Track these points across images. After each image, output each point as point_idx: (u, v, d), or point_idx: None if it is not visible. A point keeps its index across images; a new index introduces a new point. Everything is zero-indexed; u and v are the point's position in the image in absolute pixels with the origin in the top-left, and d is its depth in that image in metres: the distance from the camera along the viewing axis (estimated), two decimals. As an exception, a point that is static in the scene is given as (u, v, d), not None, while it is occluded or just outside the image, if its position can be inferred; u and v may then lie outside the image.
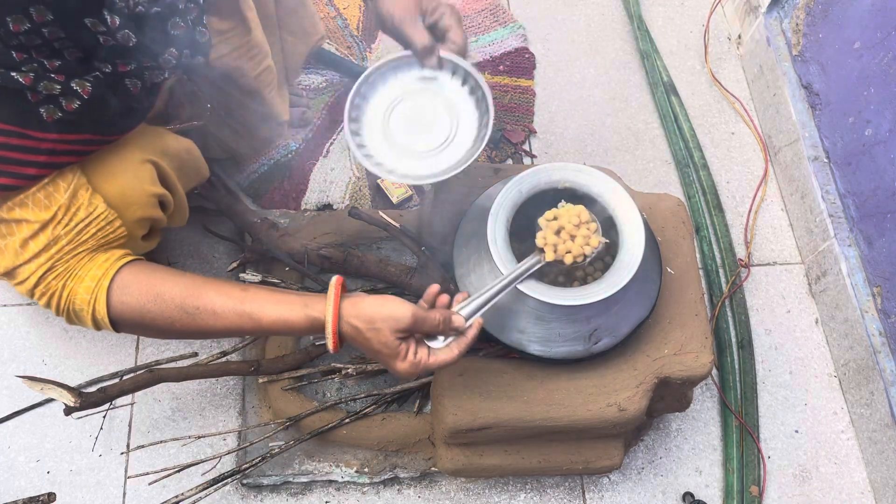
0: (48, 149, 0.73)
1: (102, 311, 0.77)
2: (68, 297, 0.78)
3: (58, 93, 0.70)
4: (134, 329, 0.82)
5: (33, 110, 0.70)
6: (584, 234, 0.88)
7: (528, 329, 0.91)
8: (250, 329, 0.80)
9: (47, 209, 0.76)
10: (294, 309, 0.79)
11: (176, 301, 0.78)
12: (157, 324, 0.78)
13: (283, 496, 1.10)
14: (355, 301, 0.79)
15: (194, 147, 1.02)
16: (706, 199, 1.41)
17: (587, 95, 1.53)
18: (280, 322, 0.79)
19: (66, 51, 0.69)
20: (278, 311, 0.79)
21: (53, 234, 0.76)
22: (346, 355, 1.12)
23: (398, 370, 0.80)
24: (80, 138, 0.76)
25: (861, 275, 1.23)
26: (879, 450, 1.17)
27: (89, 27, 0.69)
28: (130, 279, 0.79)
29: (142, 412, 1.15)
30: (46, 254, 0.77)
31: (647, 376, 0.94)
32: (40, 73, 0.68)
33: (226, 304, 0.78)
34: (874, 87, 1.19)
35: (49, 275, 0.77)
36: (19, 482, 1.10)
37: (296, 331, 0.80)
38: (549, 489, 1.14)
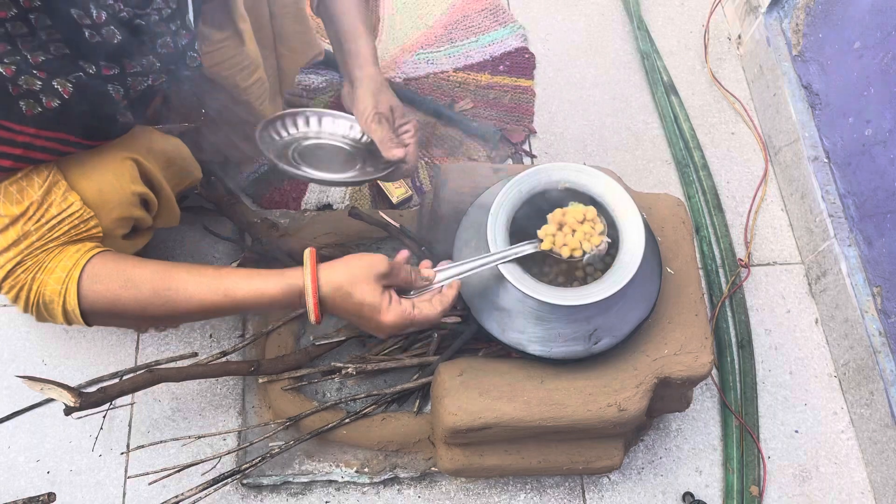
0: (24, 142, 0.72)
1: (73, 303, 0.76)
2: (38, 290, 0.77)
3: (38, 89, 0.69)
4: (106, 319, 0.80)
5: (13, 102, 0.69)
6: (587, 230, 0.89)
7: (528, 329, 0.91)
8: (227, 306, 0.79)
9: (19, 204, 0.75)
10: (270, 281, 0.79)
11: (147, 285, 0.77)
12: (129, 310, 0.77)
13: (283, 496, 1.10)
14: (331, 263, 0.80)
15: (183, 146, 1.01)
16: (706, 199, 1.41)
17: (587, 95, 1.53)
18: (257, 295, 0.78)
19: (52, 44, 0.68)
20: (254, 284, 0.78)
21: (24, 229, 0.76)
22: (346, 355, 1.12)
23: (385, 323, 0.79)
24: (58, 136, 0.75)
25: (861, 275, 1.23)
26: (879, 450, 1.17)
27: (76, 19, 0.68)
28: (100, 268, 0.78)
29: (142, 412, 1.15)
30: (16, 248, 0.76)
31: (647, 376, 0.94)
32: (22, 67, 0.67)
33: (200, 283, 0.78)
34: (874, 87, 1.19)
35: (17, 269, 0.76)
36: (19, 482, 1.10)
37: (274, 303, 0.79)
38: (549, 489, 1.14)
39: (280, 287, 0.78)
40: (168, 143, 0.97)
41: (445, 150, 1.44)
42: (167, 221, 1.01)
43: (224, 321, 1.22)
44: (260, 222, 1.17)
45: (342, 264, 0.80)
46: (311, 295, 0.78)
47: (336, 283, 0.78)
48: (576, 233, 0.89)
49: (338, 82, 1.48)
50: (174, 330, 1.21)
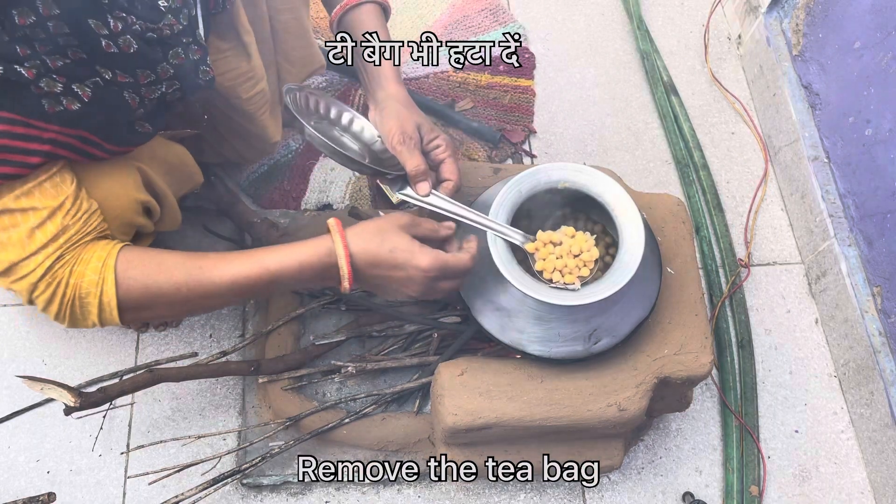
0: (51, 139, 0.73)
1: (111, 292, 0.76)
2: (75, 284, 0.76)
3: (59, 91, 0.70)
4: (140, 307, 0.79)
5: (36, 102, 0.70)
6: (577, 264, 0.90)
7: (528, 329, 0.91)
8: (261, 280, 0.79)
9: (55, 198, 0.75)
10: (299, 248, 0.79)
11: (180, 266, 0.78)
12: (164, 292, 0.77)
13: (283, 496, 1.10)
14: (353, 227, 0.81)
15: (185, 153, 1.01)
16: (706, 199, 1.41)
17: (587, 95, 1.53)
18: (290, 263, 0.79)
19: (70, 49, 0.69)
20: (285, 252, 0.79)
21: (63, 223, 0.76)
22: (346, 354, 1.12)
23: (421, 266, 0.79)
24: (80, 134, 0.76)
25: (861, 275, 1.23)
26: (879, 450, 1.17)
27: (93, 28, 0.69)
28: (133, 255, 0.78)
29: (142, 412, 1.15)
30: (55, 244, 0.76)
31: (647, 376, 0.94)
32: (42, 71, 0.68)
33: (232, 260, 0.79)
34: (874, 87, 1.19)
35: (56, 264, 0.76)
36: (19, 482, 1.10)
37: (306, 271, 0.79)
38: (549, 489, 1.14)
39: (312, 253, 0.79)
40: (171, 150, 0.98)
41: (445, 150, 1.44)
42: (169, 226, 1.02)
43: (224, 321, 1.22)
44: (260, 222, 1.17)
45: (366, 224, 0.81)
46: (345, 257, 0.78)
47: (365, 239, 0.79)
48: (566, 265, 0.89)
49: (338, 82, 1.48)
50: (174, 330, 1.21)
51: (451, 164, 0.91)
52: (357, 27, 0.98)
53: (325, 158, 1.39)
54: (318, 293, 1.14)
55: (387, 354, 1.11)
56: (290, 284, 0.81)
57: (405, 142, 0.89)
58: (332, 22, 1.01)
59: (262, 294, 0.82)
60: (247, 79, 1.03)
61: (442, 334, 1.08)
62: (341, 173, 1.38)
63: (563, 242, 0.90)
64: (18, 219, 0.75)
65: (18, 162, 0.72)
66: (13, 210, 0.74)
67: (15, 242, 0.75)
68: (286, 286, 0.81)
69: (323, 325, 1.16)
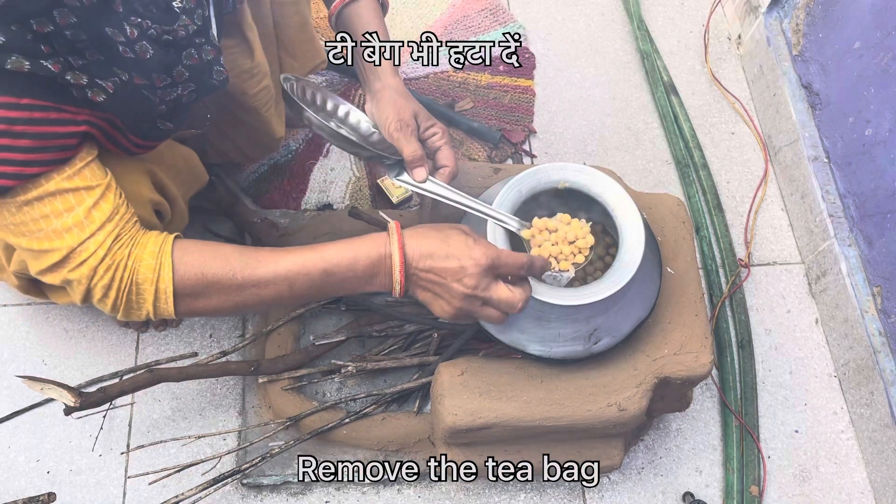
0: (85, 120, 0.73)
1: (167, 278, 0.75)
2: (133, 268, 0.75)
3: (85, 83, 0.70)
4: (196, 294, 0.78)
5: (66, 89, 0.70)
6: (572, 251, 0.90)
7: (528, 329, 0.91)
8: (315, 267, 0.77)
9: (104, 177, 0.76)
10: (354, 241, 0.79)
11: (235, 255, 0.77)
12: (219, 279, 0.76)
13: (283, 496, 1.10)
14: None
15: (192, 154, 1.02)
16: (706, 199, 1.41)
17: (587, 95, 1.53)
18: (345, 254, 0.78)
19: (88, 51, 0.70)
20: (341, 244, 0.79)
21: (115, 201, 0.75)
22: (346, 354, 1.12)
23: (475, 250, 0.77)
24: (110, 118, 0.77)
25: (861, 275, 1.23)
26: (879, 450, 1.17)
27: (110, 36, 0.70)
28: (190, 243, 0.78)
29: (142, 412, 1.15)
30: (111, 223, 0.75)
31: (647, 376, 0.94)
32: (66, 66, 0.68)
33: (286, 252, 0.78)
34: (874, 87, 1.19)
35: (115, 244, 0.75)
36: (19, 482, 1.10)
37: (361, 262, 0.78)
38: (549, 489, 1.14)
39: (369, 243, 0.78)
40: (178, 151, 0.98)
41: (445, 150, 1.44)
42: (177, 227, 1.03)
43: (224, 321, 1.22)
44: (260, 222, 1.17)
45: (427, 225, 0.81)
46: (398, 245, 0.77)
47: (420, 232, 0.79)
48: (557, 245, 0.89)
49: (338, 81, 1.48)
50: (174, 330, 1.21)
51: (447, 151, 0.92)
52: (356, 22, 0.98)
53: (325, 158, 1.39)
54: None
55: (387, 354, 1.11)
56: (344, 281, 0.79)
57: (402, 129, 0.90)
58: (331, 16, 1.01)
59: (316, 290, 0.79)
60: (251, 75, 1.03)
61: (442, 334, 1.08)
62: (341, 173, 1.38)
63: (559, 229, 0.90)
64: (73, 200, 0.73)
65: (59, 146, 0.71)
66: (66, 191, 0.73)
67: (73, 225, 0.73)
68: (341, 283, 0.79)
69: (323, 325, 1.16)
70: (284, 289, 0.78)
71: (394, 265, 0.78)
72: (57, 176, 0.72)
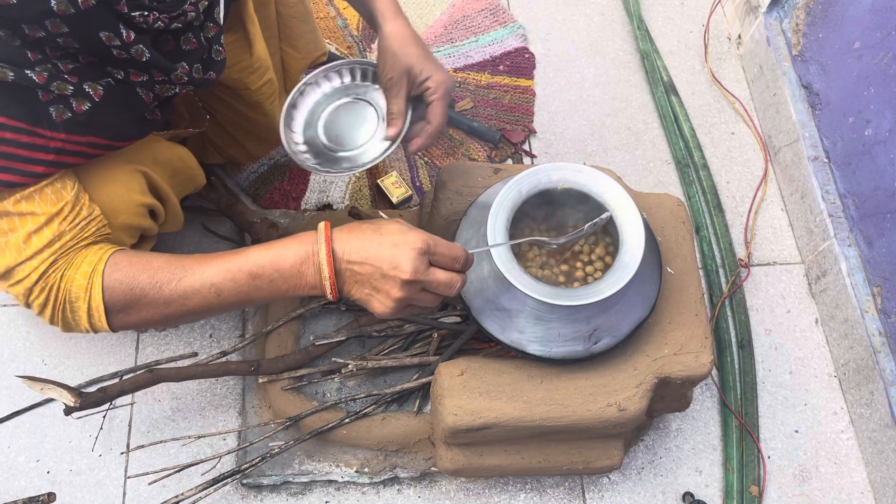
0: (56, 148, 0.73)
1: (98, 297, 0.75)
2: (65, 288, 0.76)
3: (69, 93, 0.70)
4: (126, 309, 0.77)
5: (43, 109, 0.70)
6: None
7: (528, 329, 0.91)
8: (240, 272, 0.74)
9: (54, 204, 0.75)
10: (278, 241, 0.76)
11: (165, 265, 0.76)
12: (146, 293, 0.75)
13: (283, 496, 1.10)
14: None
15: (188, 154, 1.01)
16: (706, 199, 1.41)
17: (587, 95, 1.53)
18: (268, 254, 0.74)
19: (80, 55, 0.70)
20: (265, 245, 0.76)
21: (59, 229, 0.76)
22: (346, 354, 1.12)
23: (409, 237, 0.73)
24: (89, 140, 0.76)
25: (861, 275, 1.23)
26: (879, 450, 1.17)
27: (104, 41, 0.69)
28: (121, 257, 0.77)
29: (142, 412, 1.15)
30: (50, 249, 0.76)
31: (647, 376, 0.94)
32: (54, 74, 0.68)
33: (214, 259, 0.76)
34: (874, 87, 1.19)
35: (50, 269, 0.76)
36: (19, 482, 1.10)
37: (286, 261, 0.74)
38: (549, 489, 1.14)
39: (293, 241, 0.74)
40: (174, 152, 0.98)
41: (445, 150, 1.44)
42: (172, 227, 1.03)
43: (224, 321, 1.22)
44: (260, 222, 1.17)
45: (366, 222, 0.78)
46: (324, 238, 0.73)
47: (351, 226, 0.75)
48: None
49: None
50: (174, 330, 1.21)
51: (436, 107, 0.92)
52: None
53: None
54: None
55: (387, 354, 1.11)
56: (272, 283, 0.76)
57: (390, 88, 0.92)
58: None
59: (245, 296, 0.76)
60: (253, 70, 1.03)
61: (442, 334, 1.08)
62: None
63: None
64: (17, 223, 0.75)
65: (22, 170, 0.72)
66: (12, 214, 0.74)
67: (12, 247, 0.75)
68: (270, 286, 0.76)
69: (323, 325, 1.16)
70: (212, 297, 0.76)
71: (321, 262, 0.73)
72: (8, 197, 0.73)
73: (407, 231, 0.74)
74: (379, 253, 0.73)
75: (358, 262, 0.73)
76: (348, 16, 1.57)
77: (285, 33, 1.11)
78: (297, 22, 1.11)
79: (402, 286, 0.73)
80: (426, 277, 0.73)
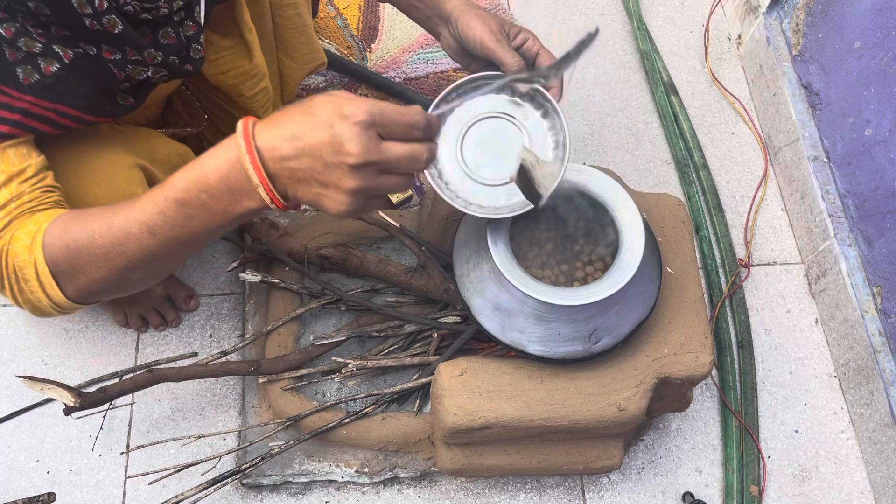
0: (22, 109, 0.69)
1: (42, 261, 0.68)
2: (13, 252, 0.70)
3: (38, 52, 0.66)
4: (70, 271, 0.69)
5: (10, 69, 0.66)
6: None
7: (528, 329, 0.91)
8: (166, 205, 0.63)
9: (16, 165, 0.71)
10: (200, 161, 0.63)
11: (96, 215, 0.68)
12: (80, 246, 0.67)
13: (283, 496, 1.10)
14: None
15: (188, 151, 1.01)
16: (706, 199, 1.41)
17: (587, 95, 1.53)
18: (193, 181, 0.62)
19: (53, 26, 0.67)
20: (186, 170, 0.64)
21: (18, 189, 0.71)
22: (346, 354, 1.12)
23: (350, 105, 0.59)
24: (57, 108, 0.72)
25: (861, 275, 1.23)
26: (879, 450, 1.17)
27: (75, 7, 0.66)
28: (63, 215, 0.70)
29: (142, 412, 1.15)
30: (5, 209, 0.71)
31: (647, 376, 0.94)
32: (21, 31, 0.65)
33: (141, 196, 0.66)
34: (874, 87, 1.19)
35: (4, 231, 0.70)
36: (19, 482, 1.10)
37: (211, 175, 0.61)
38: (549, 489, 1.14)
39: (214, 150, 0.62)
40: (174, 149, 0.98)
41: (445, 150, 1.44)
42: None
43: (224, 321, 1.22)
44: (260, 222, 1.17)
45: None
46: (243, 129, 0.60)
47: (276, 114, 0.62)
48: None
49: (338, 82, 1.48)
50: (174, 330, 1.21)
51: (546, 54, 0.84)
52: None
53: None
54: (317, 293, 1.14)
55: (387, 354, 1.11)
56: (204, 207, 0.63)
57: (500, 40, 0.82)
58: None
59: (181, 229, 0.64)
60: (249, 76, 1.02)
61: (442, 334, 1.08)
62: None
63: None
64: None
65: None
66: None
67: None
68: (202, 210, 0.63)
69: (323, 325, 1.16)
70: (147, 238, 0.65)
71: (247, 167, 0.60)
72: None
73: (343, 103, 0.59)
74: (315, 138, 0.59)
75: (292, 156, 0.59)
76: (348, 16, 1.57)
77: (282, 43, 1.11)
78: (294, 33, 1.11)
79: (353, 172, 0.59)
80: (380, 156, 0.59)
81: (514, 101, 0.85)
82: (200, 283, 1.25)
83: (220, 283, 1.26)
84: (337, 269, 1.15)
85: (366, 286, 1.16)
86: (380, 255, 1.19)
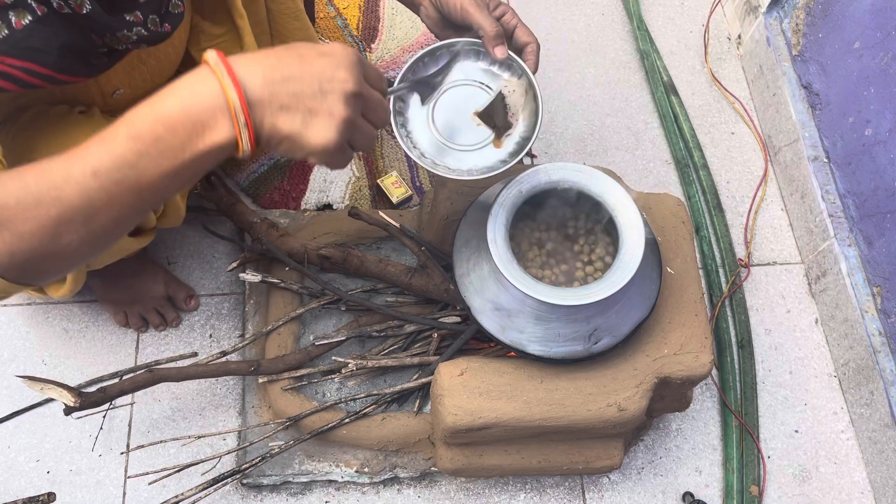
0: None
1: None
2: None
3: (9, 3, 0.63)
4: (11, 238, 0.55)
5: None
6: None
7: (528, 329, 0.91)
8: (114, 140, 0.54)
9: None
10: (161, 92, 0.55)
11: (35, 164, 0.56)
12: (8, 190, 0.54)
13: (283, 496, 1.10)
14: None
15: None
16: (706, 199, 1.41)
17: (587, 95, 1.53)
18: (149, 111, 0.54)
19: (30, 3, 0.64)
20: (144, 102, 0.55)
21: None
22: (346, 354, 1.12)
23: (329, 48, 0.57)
24: (26, 66, 0.67)
25: (861, 275, 1.23)
26: (879, 450, 1.17)
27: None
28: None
29: (142, 412, 1.15)
30: None
31: (647, 376, 0.94)
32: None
33: (92, 137, 0.56)
34: (874, 87, 1.19)
35: None
36: (19, 482, 1.10)
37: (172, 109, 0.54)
38: (549, 489, 1.14)
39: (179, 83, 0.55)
40: None
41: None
42: (171, 222, 1.02)
43: (224, 321, 1.22)
44: (260, 222, 1.17)
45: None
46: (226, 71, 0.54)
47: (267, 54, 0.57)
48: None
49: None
50: (174, 330, 1.21)
51: (524, 28, 0.84)
52: None
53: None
54: (317, 293, 1.14)
55: (387, 354, 1.11)
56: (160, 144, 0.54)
57: (480, 6, 0.81)
58: None
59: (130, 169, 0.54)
60: None
61: (442, 334, 1.08)
62: (341, 173, 1.38)
63: None
64: None
65: None
66: None
67: None
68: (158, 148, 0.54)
69: (323, 325, 1.16)
70: (89, 180, 0.54)
71: (225, 86, 0.54)
72: None
73: (328, 43, 0.58)
74: (308, 67, 0.55)
75: (280, 80, 0.55)
76: (348, 16, 1.57)
77: (276, 30, 1.10)
78: (288, 18, 1.10)
79: (348, 100, 0.56)
80: (368, 92, 0.58)
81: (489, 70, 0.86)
82: (200, 283, 1.25)
83: (220, 283, 1.26)
84: (337, 269, 1.15)
85: (366, 286, 1.16)
86: (380, 255, 1.19)
